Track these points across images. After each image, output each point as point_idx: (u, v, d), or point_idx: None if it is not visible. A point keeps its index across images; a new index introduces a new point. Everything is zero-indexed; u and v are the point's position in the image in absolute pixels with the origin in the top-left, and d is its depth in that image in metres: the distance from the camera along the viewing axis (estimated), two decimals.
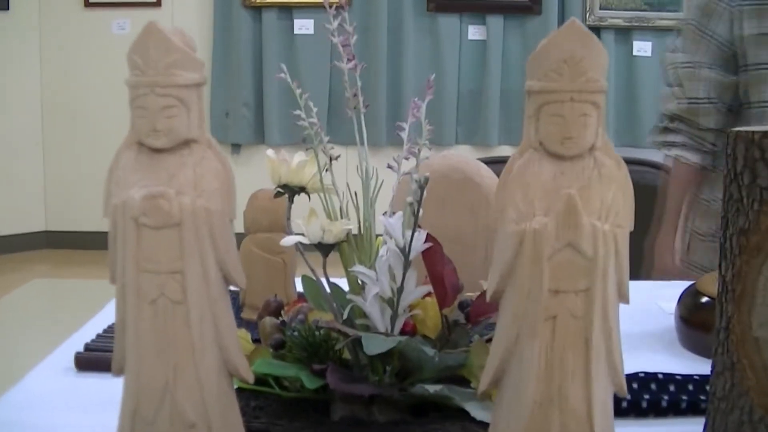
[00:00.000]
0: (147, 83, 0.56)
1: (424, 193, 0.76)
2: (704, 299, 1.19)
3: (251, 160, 4.94)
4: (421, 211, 0.76)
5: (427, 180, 0.75)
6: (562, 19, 5.03)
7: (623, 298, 0.54)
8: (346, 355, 0.83)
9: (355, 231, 0.83)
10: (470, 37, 5.01)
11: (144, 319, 0.56)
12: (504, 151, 4.83)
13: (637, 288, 1.59)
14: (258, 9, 4.91)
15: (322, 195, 0.85)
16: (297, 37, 4.86)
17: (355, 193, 0.82)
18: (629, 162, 2.20)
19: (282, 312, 0.91)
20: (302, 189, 0.86)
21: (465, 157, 1.19)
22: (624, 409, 0.94)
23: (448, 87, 4.95)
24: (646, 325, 1.26)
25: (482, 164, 1.14)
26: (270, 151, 0.88)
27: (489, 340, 0.70)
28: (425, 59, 4.94)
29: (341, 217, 0.83)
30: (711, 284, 1.14)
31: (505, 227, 0.53)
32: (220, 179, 0.57)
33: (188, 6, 5.06)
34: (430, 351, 0.76)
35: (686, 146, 1.88)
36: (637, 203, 0.60)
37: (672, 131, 1.90)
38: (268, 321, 0.88)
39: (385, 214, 0.79)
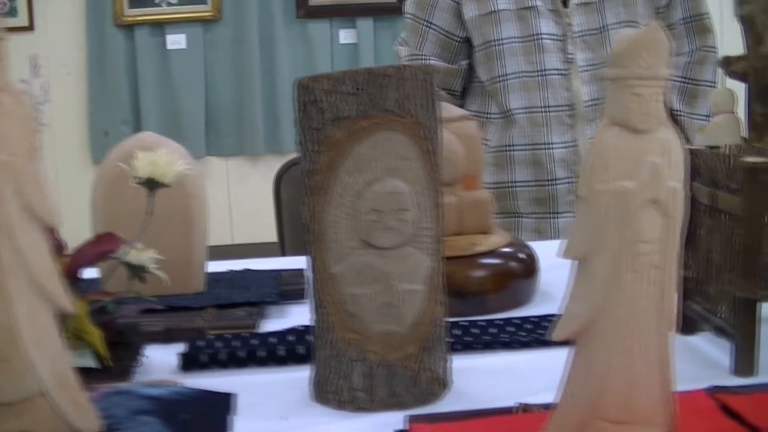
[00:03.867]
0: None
1: None
2: None
3: None
4: None
5: None
6: None
7: (40, 220, 0.61)
8: None
9: None
10: (341, 41, 5.08)
11: None
12: None
13: None
14: (130, 27, 4.92)
15: None
16: (170, 53, 4.87)
17: None
18: None
19: None
20: None
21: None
22: (281, 357, 0.99)
23: None
24: None
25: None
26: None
27: None
28: (298, 66, 4.98)
29: None
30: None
31: None
32: None
33: (60, 29, 5.05)
34: None
35: None
36: None
37: None
38: None
39: None
